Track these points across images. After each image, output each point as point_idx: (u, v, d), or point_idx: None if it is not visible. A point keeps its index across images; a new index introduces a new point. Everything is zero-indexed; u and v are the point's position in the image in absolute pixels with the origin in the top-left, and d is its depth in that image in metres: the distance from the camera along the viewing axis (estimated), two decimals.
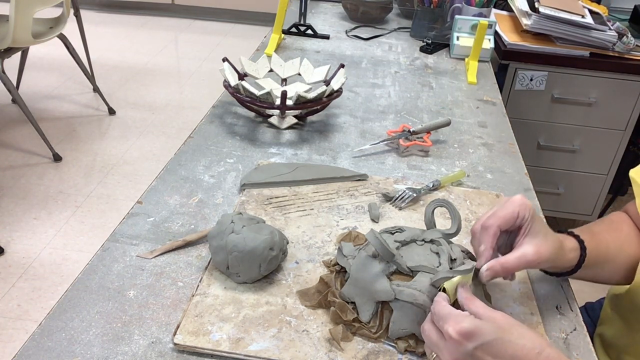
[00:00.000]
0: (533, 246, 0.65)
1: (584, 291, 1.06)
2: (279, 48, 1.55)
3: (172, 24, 4.25)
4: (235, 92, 1.10)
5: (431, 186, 0.96)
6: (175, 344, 0.64)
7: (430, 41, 1.66)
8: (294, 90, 1.15)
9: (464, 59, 1.58)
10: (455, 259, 0.69)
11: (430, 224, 0.74)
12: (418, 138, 1.10)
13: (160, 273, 0.75)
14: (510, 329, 0.56)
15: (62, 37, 2.57)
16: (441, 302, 0.60)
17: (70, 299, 0.70)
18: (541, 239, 0.66)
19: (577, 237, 0.73)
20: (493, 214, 0.67)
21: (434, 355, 0.60)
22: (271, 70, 1.28)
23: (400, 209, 0.91)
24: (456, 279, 0.63)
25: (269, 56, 1.30)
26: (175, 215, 0.86)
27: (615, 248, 0.79)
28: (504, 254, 0.67)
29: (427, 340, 0.60)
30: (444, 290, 0.63)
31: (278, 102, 1.09)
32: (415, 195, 0.93)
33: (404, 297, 0.64)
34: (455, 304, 0.65)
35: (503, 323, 0.57)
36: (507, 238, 0.69)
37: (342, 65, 1.23)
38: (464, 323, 0.56)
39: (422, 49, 1.64)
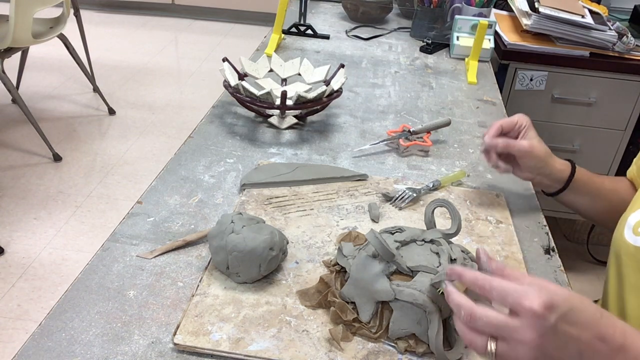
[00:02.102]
0: (527, 140, 0.86)
1: (584, 291, 1.06)
2: (279, 48, 1.55)
3: (172, 24, 4.25)
4: (235, 92, 1.10)
5: (431, 186, 0.96)
6: (175, 344, 0.64)
7: (430, 41, 1.66)
8: (294, 90, 1.15)
9: (464, 59, 1.58)
10: (455, 259, 0.69)
11: (430, 224, 0.74)
12: (418, 138, 1.10)
13: (160, 273, 0.75)
14: (571, 295, 0.52)
15: (62, 37, 2.57)
16: (497, 279, 0.53)
17: (70, 299, 0.70)
18: (535, 140, 0.86)
19: (570, 160, 0.88)
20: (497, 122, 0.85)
21: (493, 348, 0.52)
22: (271, 70, 1.28)
23: (400, 209, 0.91)
24: (457, 282, 0.63)
25: (269, 56, 1.30)
26: (175, 215, 0.86)
27: (611, 188, 0.89)
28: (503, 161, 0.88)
29: (489, 325, 0.51)
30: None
31: (278, 102, 1.09)
32: (415, 195, 0.93)
33: (404, 297, 0.64)
34: None
35: (563, 289, 0.52)
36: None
37: (342, 65, 1.23)
38: (544, 294, 0.50)
39: (422, 49, 1.64)
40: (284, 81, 1.29)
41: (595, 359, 0.51)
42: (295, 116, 1.16)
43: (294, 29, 1.67)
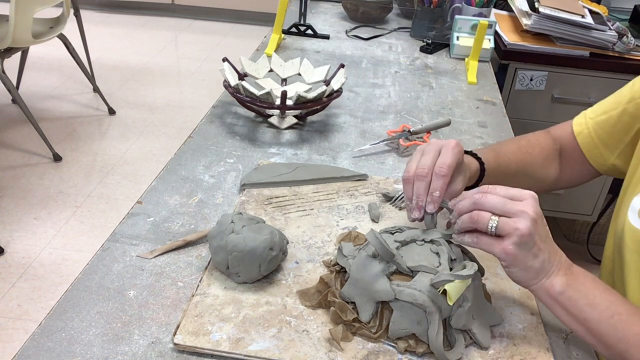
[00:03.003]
0: (461, 182, 0.77)
1: None
2: (279, 48, 1.55)
3: (172, 24, 4.25)
4: (235, 92, 1.10)
5: None
6: (175, 344, 0.64)
7: (430, 41, 1.66)
8: (294, 90, 1.15)
9: (464, 59, 1.58)
10: (455, 259, 0.69)
11: (429, 224, 0.74)
12: (418, 138, 1.10)
13: (160, 273, 0.75)
14: None
15: (62, 37, 2.57)
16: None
17: (70, 299, 0.70)
18: (464, 173, 0.78)
19: (479, 159, 0.84)
20: (443, 162, 0.71)
21: (494, 223, 0.62)
22: (271, 70, 1.28)
23: (400, 209, 0.91)
24: (459, 283, 0.63)
25: (269, 56, 1.30)
26: (175, 215, 0.86)
27: (518, 169, 0.90)
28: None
29: (497, 200, 0.62)
30: (444, 292, 0.63)
31: (278, 102, 1.09)
32: None
33: (404, 297, 0.64)
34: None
35: None
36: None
37: (342, 65, 1.23)
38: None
39: (422, 49, 1.64)
40: (284, 81, 1.29)
41: (553, 269, 0.63)
42: (295, 116, 1.16)
43: (294, 29, 1.67)
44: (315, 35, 1.67)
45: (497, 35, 1.76)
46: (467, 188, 0.81)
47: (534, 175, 0.92)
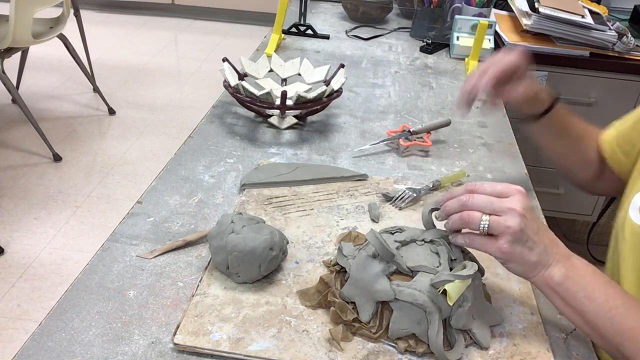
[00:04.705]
0: (522, 87, 0.87)
1: None
2: (279, 48, 1.55)
3: (172, 24, 4.25)
4: (235, 92, 1.10)
5: (431, 186, 0.96)
6: (175, 344, 0.64)
7: (430, 41, 1.66)
8: (294, 90, 1.15)
9: (464, 59, 1.58)
10: (455, 259, 0.69)
11: (429, 224, 0.74)
12: (418, 138, 1.10)
13: (160, 273, 0.75)
14: None
15: (62, 37, 2.57)
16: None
17: (70, 299, 0.70)
18: (526, 84, 0.88)
19: (556, 98, 0.93)
20: (495, 62, 0.86)
21: (486, 222, 0.63)
22: (271, 70, 1.28)
23: (400, 209, 0.91)
24: (459, 283, 0.63)
25: (269, 56, 1.30)
26: (175, 215, 0.86)
27: (577, 136, 0.96)
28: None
29: (484, 200, 0.64)
30: (444, 292, 0.63)
31: (278, 102, 1.09)
32: (415, 195, 0.93)
33: (404, 297, 0.64)
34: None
35: None
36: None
37: (342, 65, 1.23)
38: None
39: (422, 49, 1.64)
40: (284, 81, 1.29)
41: (552, 259, 0.64)
42: (295, 116, 1.16)
43: (294, 29, 1.67)
44: (315, 35, 1.67)
45: (497, 35, 1.76)
46: (535, 117, 0.93)
47: (582, 155, 0.97)
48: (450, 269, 0.67)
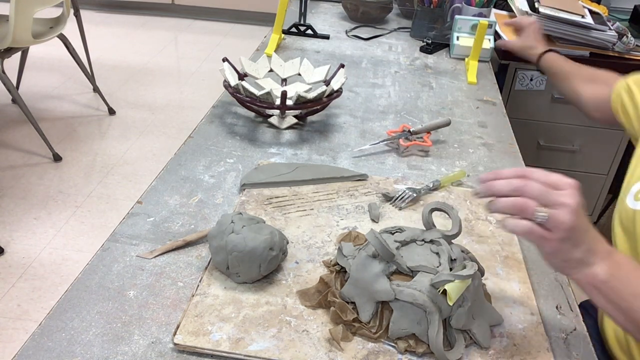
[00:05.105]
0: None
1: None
2: (279, 48, 1.55)
3: (172, 24, 4.25)
4: (235, 92, 1.10)
5: (431, 186, 0.96)
6: (175, 344, 0.64)
7: (430, 41, 1.66)
8: (294, 90, 1.15)
9: (464, 59, 1.58)
10: (455, 259, 0.69)
11: (429, 225, 0.74)
12: (418, 138, 1.10)
13: (160, 273, 0.75)
14: None
15: (62, 37, 2.57)
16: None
17: (70, 299, 0.70)
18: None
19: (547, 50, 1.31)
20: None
21: (540, 213, 0.59)
22: (271, 70, 1.28)
23: (400, 209, 0.91)
24: (459, 283, 0.63)
25: (269, 56, 1.30)
26: (175, 215, 0.86)
27: (570, 77, 1.22)
28: None
29: (539, 189, 0.60)
30: (444, 292, 0.63)
31: (278, 102, 1.09)
32: (415, 195, 0.93)
33: (404, 297, 0.64)
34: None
35: None
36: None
37: (342, 65, 1.23)
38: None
39: (422, 49, 1.64)
40: (284, 81, 1.29)
41: (595, 258, 0.62)
42: (295, 116, 1.16)
43: (294, 29, 1.67)
44: (315, 35, 1.67)
45: (497, 35, 1.76)
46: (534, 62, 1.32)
47: (572, 93, 1.22)
48: (450, 269, 0.67)
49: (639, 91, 0.99)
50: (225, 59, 1.19)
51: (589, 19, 1.65)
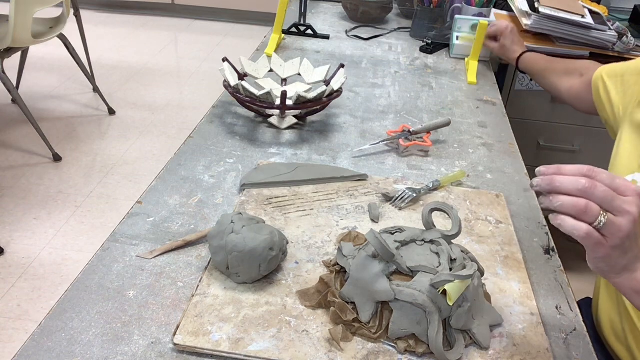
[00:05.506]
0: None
1: (584, 291, 1.06)
2: (279, 48, 1.55)
3: (172, 24, 4.25)
4: (235, 92, 1.10)
5: (431, 186, 0.96)
6: (175, 344, 0.64)
7: (430, 41, 1.66)
8: (294, 90, 1.15)
9: (464, 59, 1.58)
10: (455, 259, 0.69)
11: (429, 225, 0.74)
12: (418, 138, 1.10)
13: (160, 273, 0.75)
14: None
15: (62, 37, 2.57)
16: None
17: (70, 299, 0.70)
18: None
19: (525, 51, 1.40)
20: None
21: (604, 218, 0.57)
22: (271, 70, 1.28)
23: (400, 209, 0.91)
24: (459, 283, 0.63)
25: (269, 56, 1.30)
26: (175, 215, 0.86)
27: (547, 74, 1.28)
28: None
29: (605, 192, 0.57)
30: (444, 292, 0.63)
31: (278, 102, 1.09)
32: (415, 195, 0.93)
33: (403, 297, 0.64)
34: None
35: None
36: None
37: (342, 65, 1.23)
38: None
39: (422, 49, 1.64)
40: (284, 81, 1.29)
41: (639, 265, 0.61)
42: (295, 116, 1.16)
43: (294, 29, 1.67)
44: (315, 35, 1.67)
45: None
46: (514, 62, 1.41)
47: (552, 88, 1.27)
48: (450, 269, 0.67)
49: (612, 84, 1.01)
50: (225, 59, 1.19)
51: (589, 19, 1.65)
